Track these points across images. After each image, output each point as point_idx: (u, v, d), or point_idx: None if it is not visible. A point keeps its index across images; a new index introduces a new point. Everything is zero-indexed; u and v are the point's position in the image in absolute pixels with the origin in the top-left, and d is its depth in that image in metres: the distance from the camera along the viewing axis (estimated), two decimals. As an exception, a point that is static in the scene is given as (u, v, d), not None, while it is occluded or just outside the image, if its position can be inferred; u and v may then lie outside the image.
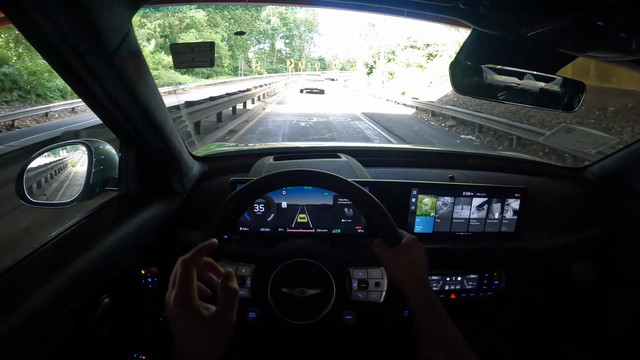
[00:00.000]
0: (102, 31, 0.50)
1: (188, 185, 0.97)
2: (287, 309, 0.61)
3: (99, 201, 0.88)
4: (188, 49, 0.77)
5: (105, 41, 0.52)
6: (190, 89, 17.94)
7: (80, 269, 0.64)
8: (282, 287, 0.61)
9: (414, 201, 0.91)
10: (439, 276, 0.98)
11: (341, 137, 8.02)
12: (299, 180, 0.61)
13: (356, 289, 0.63)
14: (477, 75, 0.78)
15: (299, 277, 0.61)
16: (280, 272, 0.61)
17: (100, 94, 0.62)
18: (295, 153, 1.18)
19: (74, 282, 0.63)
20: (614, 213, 1.20)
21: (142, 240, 0.81)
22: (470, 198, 0.93)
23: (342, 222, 0.88)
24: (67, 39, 0.49)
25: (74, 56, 0.52)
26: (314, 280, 0.61)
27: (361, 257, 0.65)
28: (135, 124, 0.73)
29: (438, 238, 0.95)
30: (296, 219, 0.87)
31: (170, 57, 2.16)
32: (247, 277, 0.62)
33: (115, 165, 0.91)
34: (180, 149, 0.91)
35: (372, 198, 0.61)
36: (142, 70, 0.64)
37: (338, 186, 0.61)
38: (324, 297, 0.61)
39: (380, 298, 0.63)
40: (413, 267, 0.59)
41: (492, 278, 1.02)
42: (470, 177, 1.14)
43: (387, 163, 1.17)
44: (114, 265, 0.72)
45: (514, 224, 0.98)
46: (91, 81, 0.58)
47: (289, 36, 51.50)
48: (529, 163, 1.37)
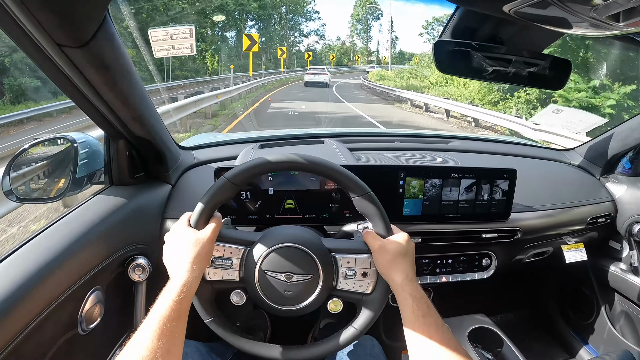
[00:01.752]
0: (76, 19, 0.49)
1: (175, 175, 0.96)
2: (273, 294, 0.61)
3: (86, 194, 0.87)
4: (168, 35, 0.75)
5: (80, 29, 0.51)
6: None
7: (68, 261, 0.64)
8: (269, 271, 0.61)
9: (402, 184, 0.91)
10: (429, 259, 0.99)
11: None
12: (303, 167, 0.63)
13: (343, 277, 0.62)
14: (462, 54, 0.77)
15: (287, 262, 0.61)
16: (269, 257, 0.61)
17: (80, 83, 0.60)
18: (282, 140, 1.17)
19: (63, 274, 0.63)
20: (603, 193, 1.21)
21: (130, 231, 0.81)
22: (459, 180, 0.93)
23: (330, 207, 0.88)
24: (41, 28, 0.47)
25: (49, 46, 0.51)
26: (302, 267, 0.61)
27: (351, 247, 0.64)
28: (117, 114, 0.72)
29: (427, 220, 0.95)
30: (283, 205, 0.86)
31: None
32: (235, 259, 0.62)
33: (101, 157, 0.90)
34: (166, 139, 0.90)
35: (371, 195, 0.63)
36: (121, 59, 0.63)
37: (340, 177, 0.63)
38: (310, 284, 0.61)
39: (367, 288, 0.62)
40: (402, 260, 0.60)
41: (483, 259, 1.03)
42: (459, 159, 1.14)
43: (375, 147, 1.17)
44: (102, 257, 0.72)
45: (503, 205, 0.98)
46: (69, 71, 0.57)
47: (263, 17, 32.73)
48: (518, 145, 1.38)
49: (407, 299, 0.57)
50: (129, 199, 0.83)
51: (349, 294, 0.63)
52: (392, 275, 0.59)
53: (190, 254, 0.57)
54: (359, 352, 0.75)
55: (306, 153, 0.63)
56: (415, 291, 0.58)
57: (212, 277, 0.62)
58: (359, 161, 1.02)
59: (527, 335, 1.46)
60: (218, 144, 1.15)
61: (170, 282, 0.55)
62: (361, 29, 41.72)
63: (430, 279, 1.00)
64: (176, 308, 0.52)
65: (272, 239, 0.62)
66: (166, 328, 0.49)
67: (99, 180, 0.91)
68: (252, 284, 0.61)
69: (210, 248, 0.59)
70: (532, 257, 1.13)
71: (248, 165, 0.62)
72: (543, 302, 1.51)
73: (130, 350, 0.47)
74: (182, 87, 15.55)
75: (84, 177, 0.89)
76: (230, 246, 0.62)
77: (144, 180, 0.91)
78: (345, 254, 0.63)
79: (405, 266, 0.60)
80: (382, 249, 0.60)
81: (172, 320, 0.50)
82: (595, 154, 1.27)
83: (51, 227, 0.69)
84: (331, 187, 0.88)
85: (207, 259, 0.60)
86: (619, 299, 1.24)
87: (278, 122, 8.64)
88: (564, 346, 1.40)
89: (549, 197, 1.12)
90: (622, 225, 1.18)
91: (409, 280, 0.58)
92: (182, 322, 0.53)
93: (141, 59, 3.31)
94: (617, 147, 1.21)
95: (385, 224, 0.63)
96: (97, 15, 0.52)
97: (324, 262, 0.61)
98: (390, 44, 41.38)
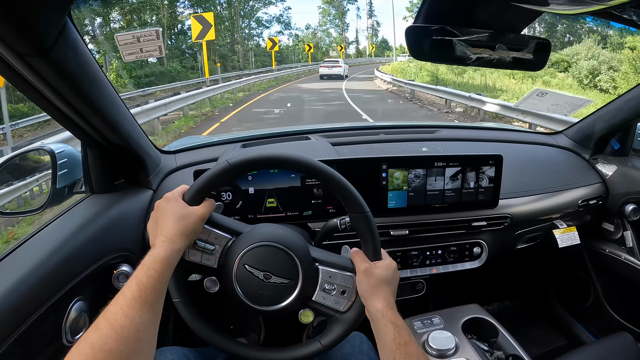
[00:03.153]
0: (35, 27, 0.48)
1: (156, 180, 0.95)
2: (247, 289, 0.60)
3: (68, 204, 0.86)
4: (134, 39, 0.74)
5: (39, 37, 0.49)
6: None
7: (48, 273, 0.63)
8: (249, 266, 0.59)
9: (385, 176, 0.89)
10: (418, 250, 0.98)
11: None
12: (292, 165, 0.61)
13: (321, 289, 0.61)
14: (437, 39, 0.76)
15: (269, 262, 0.60)
16: (253, 252, 0.60)
17: (48, 93, 0.59)
18: (263, 138, 1.16)
19: (43, 286, 0.62)
20: (593, 175, 1.20)
21: (112, 239, 0.80)
22: (443, 169, 0.92)
23: (313, 204, 0.87)
24: (1, 40, 0.46)
25: (11, 56, 0.50)
26: (283, 270, 0.60)
27: (336, 262, 0.63)
28: (90, 122, 0.71)
29: (413, 212, 0.94)
30: (265, 204, 0.85)
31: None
32: (218, 246, 0.61)
33: (81, 166, 0.89)
34: (144, 144, 0.89)
35: (369, 216, 0.62)
36: (87, 65, 0.62)
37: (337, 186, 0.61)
38: (287, 289, 0.60)
39: (343, 307, 0.61)
40: (386, 287, 0.59)
41: (473, 248, 1.02)
42: (446, 148, 1.13)
43: (358, 141, 1.16)
44: (84, 266, 0.71)
45: (491, 192, 0.97)
46: (35, 81, 0.56)
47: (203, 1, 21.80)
48: (506, 131, 1.37)
49: (387, 326, 0.55)
50: (110, 206, 0.82)
51: (324, 307, 0.61)
52: (373, 300, 0.57)
53: (179, 225, 0.55)
54: (347, 349, 0.74)
55: (288, 150, 0.62)
56: (396, 319, 0.56)
57: (190, 259, 0.61)
58: (341, 156, 1.01)
59: (523, 322, 1.45)
60: (200, 146, 1.14)
61: (153, 252, 0.53)
62: (335, 14, 36.08)
63: (421, 271, 0.98)
64: (158, 279, 0.50)
65: (260, 235, 0.61)
66: (147, 299, 0.47)
67: (80, 190, 0.90)
68: (229, 275, 0.60)
69: (198, 227, 0.58)
70: (524, 243, 1.12)
71: (253, 156, 0.60)
72: (538, 288, 1.50)
73: (109, 318, 0.44)
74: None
75: (65, 187, 0.88)
76: (217, 232, 0.61)
77: (125, 186, 0.90)
78: (329, 267, 0.61)
79: (388, 294, 0.58)
80: (368, 272, 0.59)
81: (153, 290, 0.48)
82: (583, 135, 1.26)
83: (31, 239, 0.68)
84: (312, 183, 0.87)
85: (193, 237, 0.58)
86: (615, 281, 1.23)
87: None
88: (561, 331, 1.39)
89: (539, 182, 1.11)
90: (614, 206, 1.17)
91: (390, 308, 0.57)
92: (162, 295, 0.51)
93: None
94: (605, 128, 1.20)
95: (376, 248, 0.62)
96: (57, 22, 0.51)
97: (306, 271, 0.60)
98: (372, 33, 36.50)
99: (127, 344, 0.43)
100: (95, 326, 0.43)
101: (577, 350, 0.90)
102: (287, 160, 0.61)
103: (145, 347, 0.46)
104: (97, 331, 0.43)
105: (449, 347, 0.82)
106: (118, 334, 0.43)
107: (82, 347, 0.41)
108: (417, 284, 1.14)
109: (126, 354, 0.42)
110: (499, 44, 0.79)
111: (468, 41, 0.78)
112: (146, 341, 0.46)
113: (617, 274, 1.20)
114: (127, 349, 0.43)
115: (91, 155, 0.83)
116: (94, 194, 0.86)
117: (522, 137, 1.30)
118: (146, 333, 0.46)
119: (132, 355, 0.43)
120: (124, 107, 0.78)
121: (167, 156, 1.04)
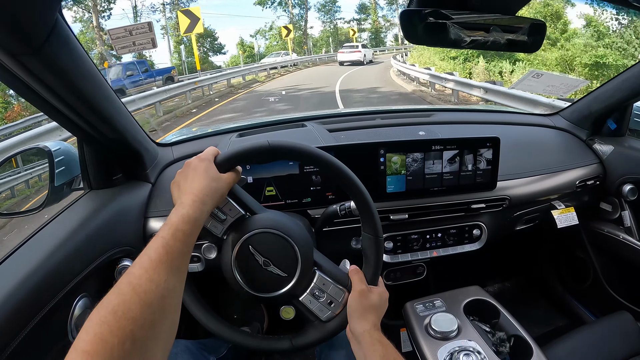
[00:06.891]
0: (25, 25, 0.47)
1: (154, 173, 0.95)
2: (241, 268, 0.60)
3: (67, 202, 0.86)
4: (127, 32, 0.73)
5: (30, 35, 0.49)
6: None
7: (51, 270, 0.63)
8: (252, 248, 0.60)
9: (382, 160, 0.89)
10: (418, 234, 0.98)
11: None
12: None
13: (310, 293, 0.61)
14: (432, 23, 0.75)
15: (273, 250, 0.60)
16: (261, 235, 0.60)
17: (42, 90, 0.59)
18: (259, 127, 1.15)
19: (47, 284, 0.62)
20: (590, 155, 1.20)
21: (113, 234, 0.80)
22: (440, 152, 0.92)
23: (312, 190, 0.87)
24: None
25: (4, 56, 0.50)
26: (284, 263, 0.60)
27: (334, 272, 0.63)
28: (85, 118, 0.70)
29: (412, 195, 0.94)
30: (264, 192, 0.85)
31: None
32: (230, 217, 0.61)
33: (78, 163, 0.89)
34: (141, 137, 0.89)
35: (380, 241, 0.62)
36: (80, 61, 0.61)
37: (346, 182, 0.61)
38: (280, 281, 0.60)
39: (325, 316, 0.61)
40: (375, 312, 0.59)
41: (473, 230, 1.03)
42: (443, 132, 1.13)
43: (355, 127, 1.15)
44: (87, 263, 0.71)
45: (489, 175, 0.97)
46: (29, 79, 0.55)
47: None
48: (502, 113, 1.37)
49: (375, 345, 0.55)
50: (109, 202, 0.82)
51: (306, 311, 0.62)
52: (360, 321, 0.58)
53: (211, 187, 0.53)
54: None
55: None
56: (383, 339, 0.56)
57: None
58: (338, 142, 1.00)
59: (524, 303, 1.46)
60: (197, 137, 1.13)
61: (181, 211, 0.48)
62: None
63: (421, 255, 0.99)
64: (186, 242, 0.46)
65: (273, 222, 0.61)
66: (173, 262, 0.43)
67: (78, 187, 0.89)
68: (228, 248, 0.60)
69: (225, 192, 0.57)
70: (523, 224, 1.13)
71: (293, 145, 0.60)
72: (538, 269, 1.52)
73: (133, 282, 0.39)
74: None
75: (63, 184, 0.88)
76: (233, 204, 0.61)
77: (123, 181, 0.89)
78: (326, 275, 0.62)
79: (375, 318, 0.59)
80: (363, 294, 0.59)
81: (180, 254, 0.44)
82: (579, 116, 1.26)
83: (32, 238, 0.68)
84: (311, 170, 0.86)
85: (219, 202, 0.56)
86: (614, 261, 1.25)
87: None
88: (562, 311, 1.41)
89: (536, 163, 1.11)
90: (611, 186, 1.18)
91: (377, 329, 0.57)
92: (188, 260, 0.47)
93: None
94: (601, 108, 1.20)
95: (376, 274, 0.63)
96: (48, 19, 0.51)
97: (303, 272, 0.60)
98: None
99: (152, 310, 0.39)
100: (117, 290, 0.39)
101: (577, 329, 0.91)
102: (326, 162, 0.60)
103: (172, 314, 0.42)
104: (119, 296, 0.38)
105: (451, 329, 0.83)
106: (142, 299, 0.38)
107: (104, 313, 0.37)
108: (418, 267, 1.15)
109: (150, 321, 0.38)
110: (493, 26, 0.79)
111: (462, 24, 0.78)
112: (172, 308, 0.42)
113: (615, 254, 1.21)
114: (152, 316, 0.39)
115: (88, 151, 0.83)
116: (92, 190, 0.86)
117: (518, 119, 1.30)
118: (172, 300, 0.42)
119: (157, 323, 0.39)
120: (119, 101, 0.77)
121: (164, 149, 1.03)
